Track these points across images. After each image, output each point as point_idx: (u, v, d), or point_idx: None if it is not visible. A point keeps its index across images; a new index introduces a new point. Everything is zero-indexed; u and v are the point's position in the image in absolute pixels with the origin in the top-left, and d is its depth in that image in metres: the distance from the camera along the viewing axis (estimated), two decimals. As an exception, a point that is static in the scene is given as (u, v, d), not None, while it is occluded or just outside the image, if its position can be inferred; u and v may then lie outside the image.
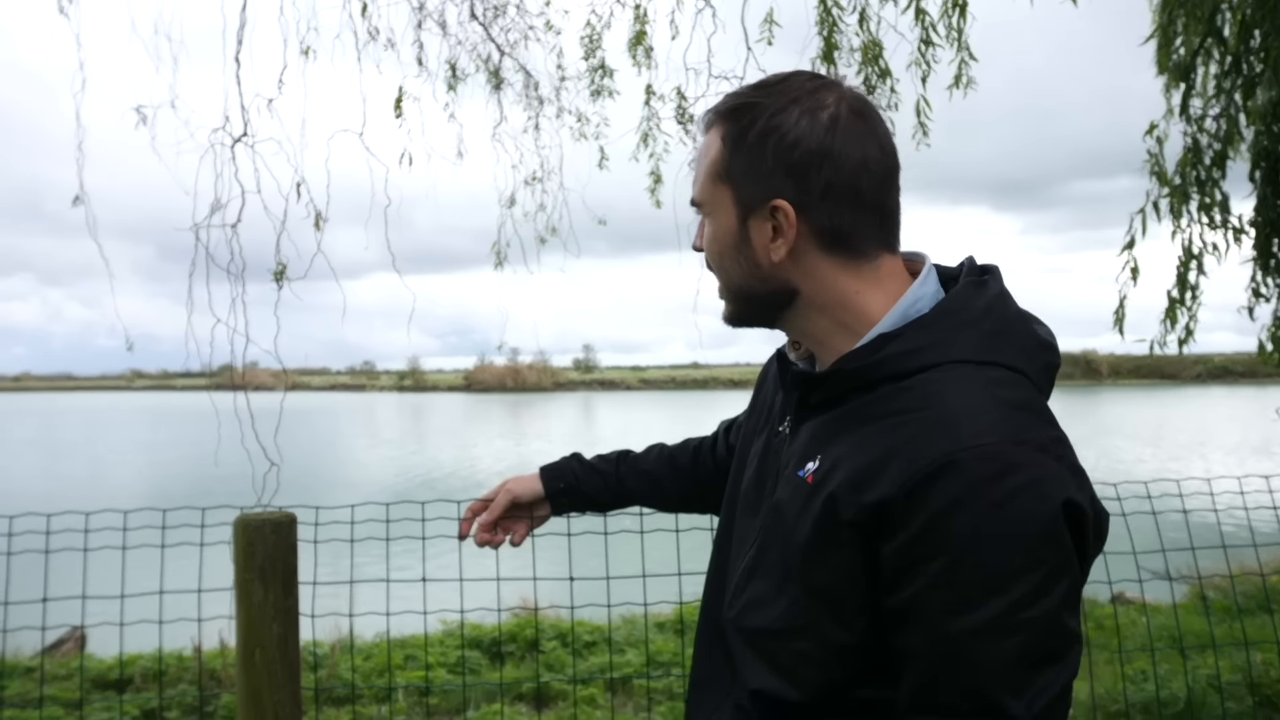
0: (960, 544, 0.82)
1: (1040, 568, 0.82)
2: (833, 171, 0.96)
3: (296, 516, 1.87)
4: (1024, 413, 0.89)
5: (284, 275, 4.38)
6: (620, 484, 1.50)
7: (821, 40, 4.67)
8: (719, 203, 1.02)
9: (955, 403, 0.88)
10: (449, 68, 5.45)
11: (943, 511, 0.83)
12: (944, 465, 0.84)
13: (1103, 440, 29.29)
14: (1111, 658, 4.44)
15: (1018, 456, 0.84)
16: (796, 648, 0.94)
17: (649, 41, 5.41)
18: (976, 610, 0.82)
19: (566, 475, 1.51)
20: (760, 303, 1.04)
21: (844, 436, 0.94)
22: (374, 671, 5.24)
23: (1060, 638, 0.83)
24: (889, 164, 0.99)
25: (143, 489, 20.40)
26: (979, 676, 0.82)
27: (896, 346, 0.94)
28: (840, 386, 0.98)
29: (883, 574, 0.87)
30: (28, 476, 25.15)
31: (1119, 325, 4.29)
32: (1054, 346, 1.00)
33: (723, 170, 1.01)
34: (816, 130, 0.96)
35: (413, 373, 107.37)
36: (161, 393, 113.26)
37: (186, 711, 4.96)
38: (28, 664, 5.67)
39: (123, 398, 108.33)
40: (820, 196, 0.96)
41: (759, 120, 0.98)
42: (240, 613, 1.78)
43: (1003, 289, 1.00)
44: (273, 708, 1.74)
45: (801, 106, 0.97)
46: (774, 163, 0.97)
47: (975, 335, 0.94)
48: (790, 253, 0.98)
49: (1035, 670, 0.82)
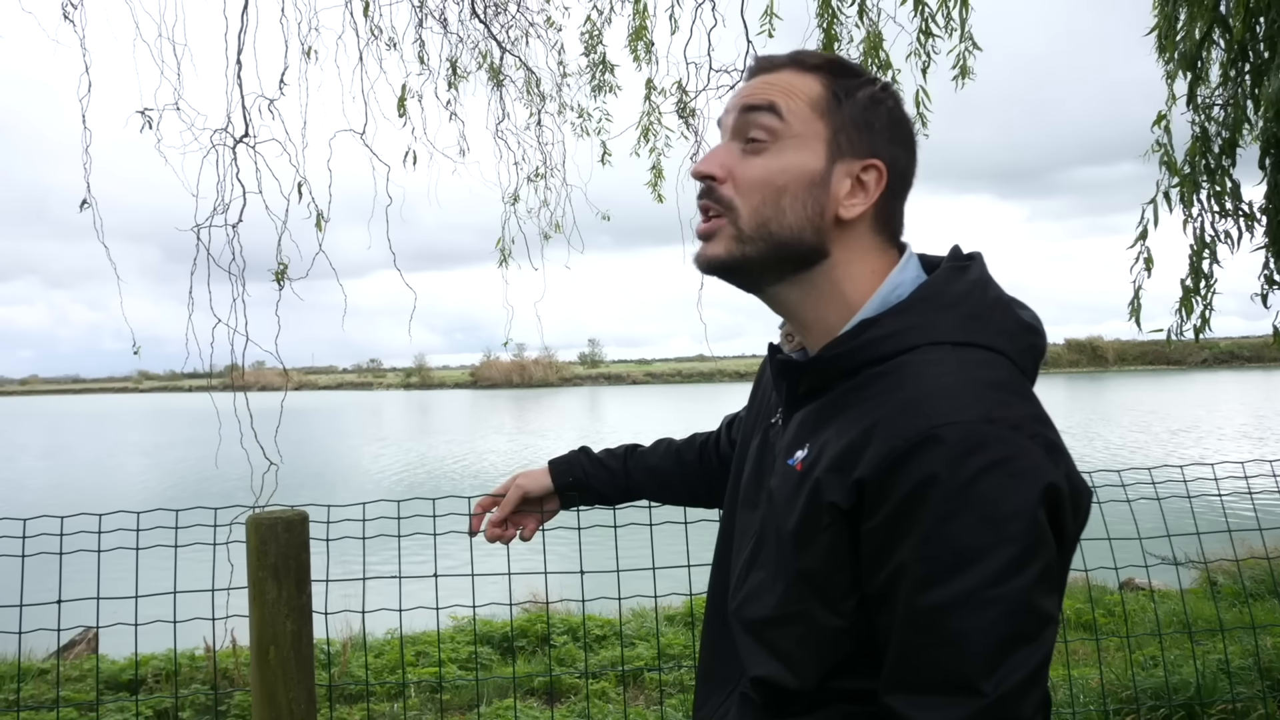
0: (931, 521, 0.83)
1: (1011, 545, 0.82)
2: (910, 160, 1.04)
3: (308, 515, 1.88)
4: (999, 391, 0.89)
5: (285, 275, 4.40)
6: (628, 479, 1.53)
7: (821, 32, 4.67)
8: (807, 136, 1.00)
9: (930, 383, 0.89)
10: (450, 66, 5.46)
11: (915, 489, 0.84)
12: (918, 444, 0.85)
13: (1108, 426, 29.24)
14: (1121, 644, 4.44)
15: (989, 434, 0.84)
16: (792, 634, 0.95)
17: (649, 36, 5.41)
18: (944, 586, 0.82)
19: (575, 470, 1.53)
20: (790, 253, 1.01)
21: (830, 423, 0.96)
22: (386, 669, 5.27)
23: (1032, 618, 0.83)
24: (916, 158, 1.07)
25: (151, 490, 20.47)
26: (948, 653, 0.83)
27: (875, 332, 0.96)
28: (824, 373, 0.99)
29: (864, 555, 0.89)
30: (39, 479, 25.26)
31: (1135, 316, 4.29)
32: (1037, 329, 1.00)
33: (827, 109, 1.00)
34: (904, 117, 1.04)
35: (419, 370, 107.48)
36: (169, 394, 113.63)
37: (200, 711, 4.99)
38: (41, 666, 5.71)
39: (130, 399, 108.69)
40: (902, 176, 1.02)
41: (868, 85, 1.02)
42: (254, 611, 1.79)
43: (982, 275, 1.01)
44: (287, 705, 1.75)
45: (891, 94, 1.03)
46: (882, 126, 1.01)
47: (952, 318, 0.95)
48: (859, 215, 1.00)
49: (1005, 649, 0.82)
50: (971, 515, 0.82)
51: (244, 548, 1.86)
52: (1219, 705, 3.43)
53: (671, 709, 4.07)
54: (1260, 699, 3.47)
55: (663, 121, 5.53)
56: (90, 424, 58.12)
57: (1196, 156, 4.24)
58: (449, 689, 4.86)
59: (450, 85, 5.47)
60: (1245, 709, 3.43)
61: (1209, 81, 4.41)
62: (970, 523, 0.82)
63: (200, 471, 21.48)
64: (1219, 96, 4.34)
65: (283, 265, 4.39)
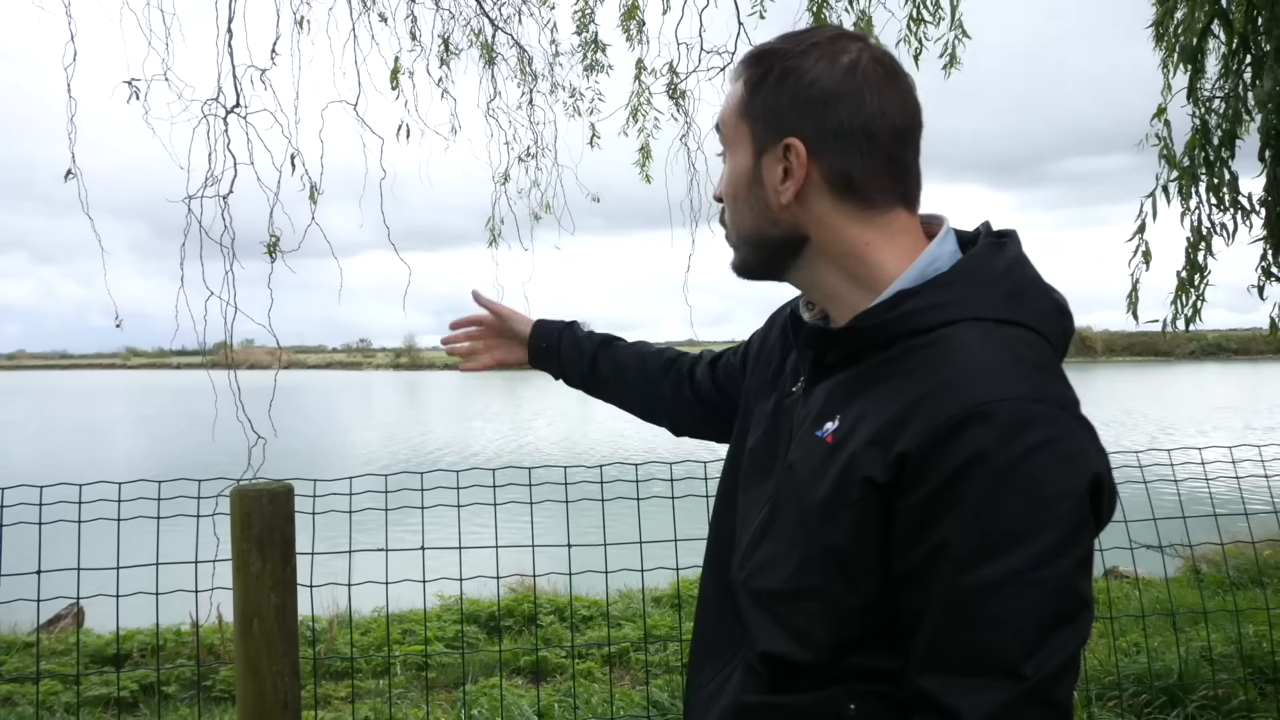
0: (977, 498, 0.81)
1: (1057, 527, 0.81)
2: (847, 114, 0.95)
3: (293, 487, 1.86)
4: (1044, 372, 0.88)
5: (277, 247, 4.35)
6: (594, 366, 1.51)
7: (810, 16, 4.65)
8: (738, 142, 1.02)
9: (976, 359, 0.87)
10: (442, 42, 5.39)
11: (962, 466, 0.82)
12: (964, 420, 0.83)
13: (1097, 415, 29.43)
14: (1105, 630, 4.47)
15: (1038, 414, 0.83)
16: (806, 608, 0.93)
17: (641, 15, 5.37)
18: (990, 566, 0.81)
19: (551, 336, 1.54)
20: (771, 248, 1.02)
21: (863, 395, 0.93)
22: (372, 645, 5.26)
23: (1073, 601, 0.82)
24: (908, 119, 0.98)
25: (137, 464, 20.39)
26: (989, 634, 0.81)
27: (915, 303, 0.93)
28: (857, 344, 0.96)
29: (898, 531, 0.86)
30: (23, 452, 25.12)
31: (1133, 309, 4.30)
32: (1069, 313, 0.99)
33: (744, 109, 1.01)
34: (835, 73, 0.96)
35: (408, 350, 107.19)
36: (157, 371, 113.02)
37: (185, 686, 4.98)
38: (25, 639, 5.69)
39: (118, 376, 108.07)
40: (833, 137, 0.95)
41: (779, 63, 0.98)
42: (238, 583, 1.78)
43: (1020, 253, 0.99)
44: (271, 678, 1.74)
45: (822, 50, 0.97)
46: (789, 101, 0.97)
47: (995, 294, 0.93)
48: (799, 195, 0.98)
49: (1047, 631, 0.80)
50: (1020, 495, 0.81)
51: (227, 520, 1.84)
52: (1200, 691, 3.46)
53: (657, 689, 4.08)
54: (1241, 685, 3.51)
55: (653, 102, 5.49)
56: (78, 399, 57.79)
57: (1196, 149, 4.23)
58: (435, 667, 4.86)
59: (442, 62, 5.41)
60: (1227, 695, 3.47)
61: (1208, 74, 4.41)
62: (1018, 502, 0.81)
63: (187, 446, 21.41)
64: (1219, 89, 4.33)
65: (275, 237, 4.34)
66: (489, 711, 3.87)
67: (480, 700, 4.08)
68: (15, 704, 4.52)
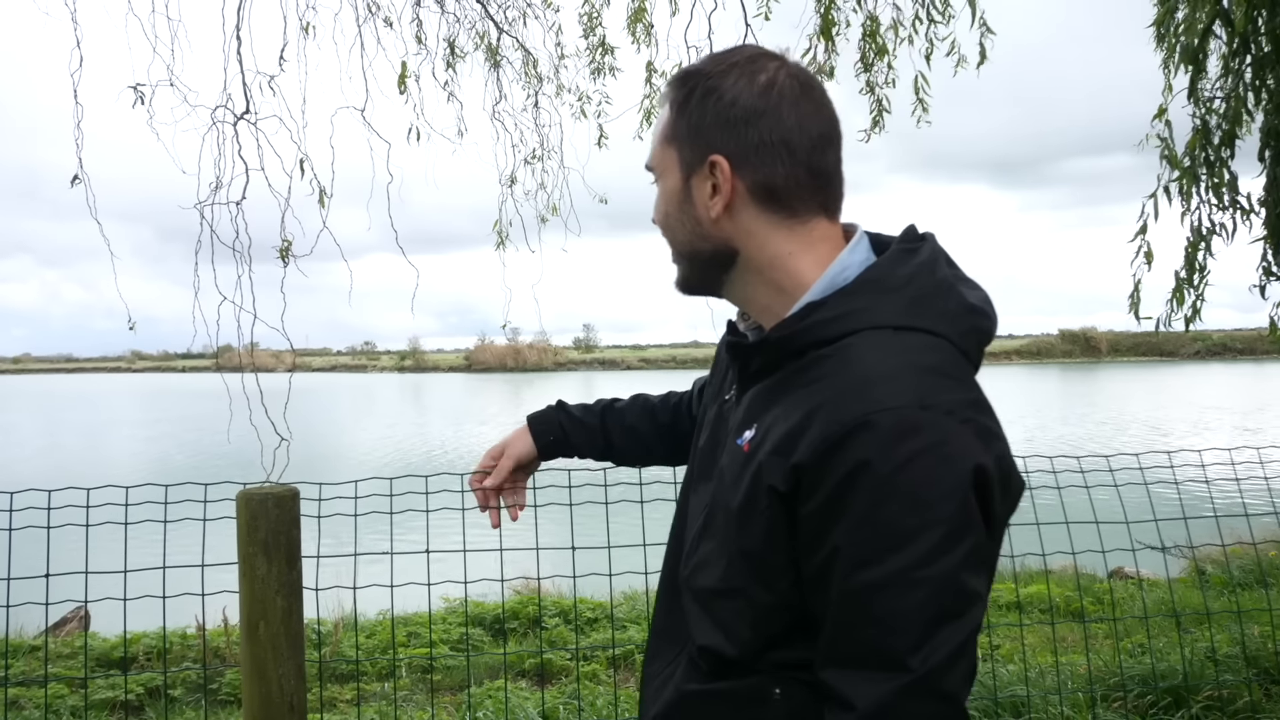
0: (864, 505, 0.87)
1: (939, 528, 0.86)
2: (766, 129, 1.00)
3: (299, 491, 1.88)
4: (937, 376, 0.92)
5: (289, 252, 4.37)
6: (606, 438, 1.54)
7: (818, 17, 4.65)
8: (667, 165, 1.08)
9: (869, 368, 0.92)
10: (448, 46, 5.41)
11: (848, 475, 0.87)
12: (851, 430, 0.88)
13: (1100, 415, 29.38)
14: (1109, 631, 4.47)
15: (922, 420, 0.87)
16: (733, 607, 1.00)
17: (649, 18, 5.37)
18: (877, 566, 0.86)
19: (554, 429, 1.55)
20: (705, 264, 1.08)
21: (776, 404, 0.99)
22: (377, 648, 5.28)
23: (960, 596, 0.87)
24: (825, 130, 1.03)
25: (144, 467, 20.44)
26: (878, 630, 0.87)
27: (821, 314, 0.98)
28: (771, 355, 1.02)
29: (801, 537, 0.92)
30: (29, 456, 25.18)
31: (1134, 309, 4.29)
32: (984, 311, 1.02)
33: (670, 133, 1.07)
34: (752, 91, 1.01)
35: (413, 353, 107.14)
36: (163, 374, 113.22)
37: (191, 689, 5.00)
38: (32, 643, 5.71)
39: (124, 379, 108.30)
40: (754, 152, 1.01)
41: (701, 83, 1.04)
42: (244, 586, 1.79)
43: (930, 257, 1.02)
44: (277, 681, 1.75)
45: (740, 70, 1.02)
46: (712, 120, 1.02)
47: (897, 301, 0.97)
48: (728, 209, 1.03)
49: (933, 626, 0.85)
50: (901, 499, 0.86)
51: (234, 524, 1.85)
52: (1205, 692, 3.46)
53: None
54: (1246, 686, 3.50)
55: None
56: (83, 403, 57.91)
57: (1196, 149, 4.23)
58: (440, 670, 4.87)
59: (449, 66, 5.43)
60: (1231, 695, 3.46)
61: (1208, 74, 4.40)
62: (901, 506, 0.86)
63: (193, 449, 21.44)
64: (1219, 89, 4.33)
65: (286, 242, 4.36)
66: (494, 714, 3.88)
67: (485, 703, 4.09)
68: (22, 707, 4.54)
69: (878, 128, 5.17)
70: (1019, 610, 4.70)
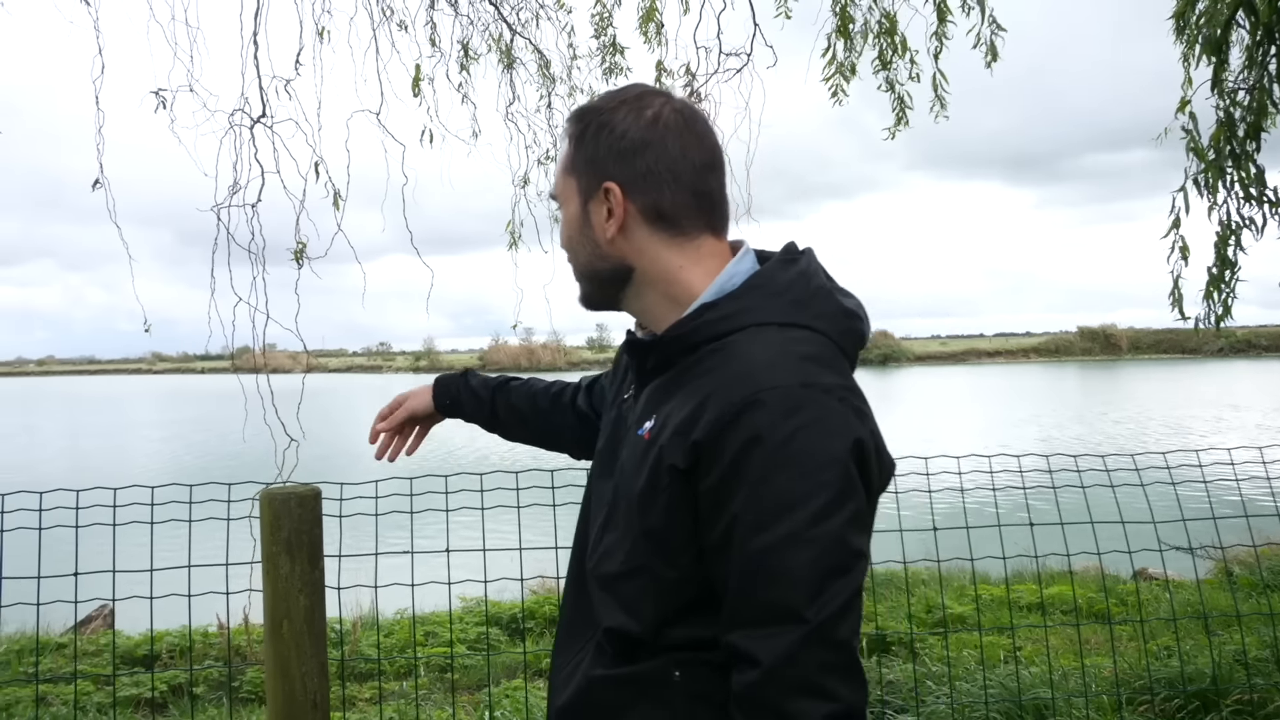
0: (756, 474, 0.97)
1: (825, 492, 0.96)
2: (653, 158, 1.13)
3: (321, 491, 1.88)
4: (814, 364, 1.03)
5: (304, 254, 4.39)
6: (493, 411, 1.67)
7: (835, 16, 4.62)
8: (567, 193, 1.20)
9: (757, 356, 1.03)
10: (462, 48, 5.42)
11: (743, 447, 0.97)
12: (743, 408, 0.98)
13: (1120, 414, 29.08)
14: (1134, 634, 4.43)
15: (805, 398, 0.99)
16: (636, 586, 1.08)
17: (660, 18, 5.36)
18: (771, 529, 0.96)
19: (452, 393, 1.69)
20: (604, 280, 1.20)
21: (673, 396, 1.09)
22: (395, 647, 5.30)
23: (846, 554, 0.96)
24: (708, 158, 1.16)
25: (163, 468, 20.63)
26: (776, 588, 0.95)
27: (713, 314, 1.09)
28: (667, 351, 1.12)
29: (701, 511, 1.01)
30: (51, 456, 25.48)
31: (1178, 305, 4.22)
32: (858, 315, 1.14)
33: (569, 164, 1.19)
34: (640, 125, 1.13)
35: (428, 353, 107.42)
36: (182, 375, 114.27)
37: (212, 687, 5.04)
38: (59, 640, 5.77)
39: (144, 380, 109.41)
40: (643, 177, 1.13)
41: (594, 120, 1.16)
42: (267, 585, 1.80)
43: (808, 267, 1.14)
44: (300, 679, 1.75)
45: (629, 106, 1.15)
46: (605, 152, 1.14)
47: (780, 302, 1.09)
48: (622, 230, 1.15)
49: (824, 580, 0.95)
50: (790, 468, 0.96)
51: (256, 523, 1.86)
52: (1235, 695, 3.41)
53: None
54: (1277, 689, 3.45)
55: (689, 103, 5.47)
56: (106, 404, 58.55)
57: (1221, 142, 4.17)
58: (458, 669, 4.88)
59: (463, 68, 5.44)
60: (1263, 699, 3.41)
61: (1230, 66, 4.34)
62: (790, 474, 0.96)
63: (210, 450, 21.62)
64: (1243, 81, 4.27)
65: (301, 244, 4.38)
66: (512, 713, 3.89)
67: (503, 702, 4.09)
68: (50, 704, 4.59)
69: (901, 124, 5.13)
70: (1042, 612, 4.65)
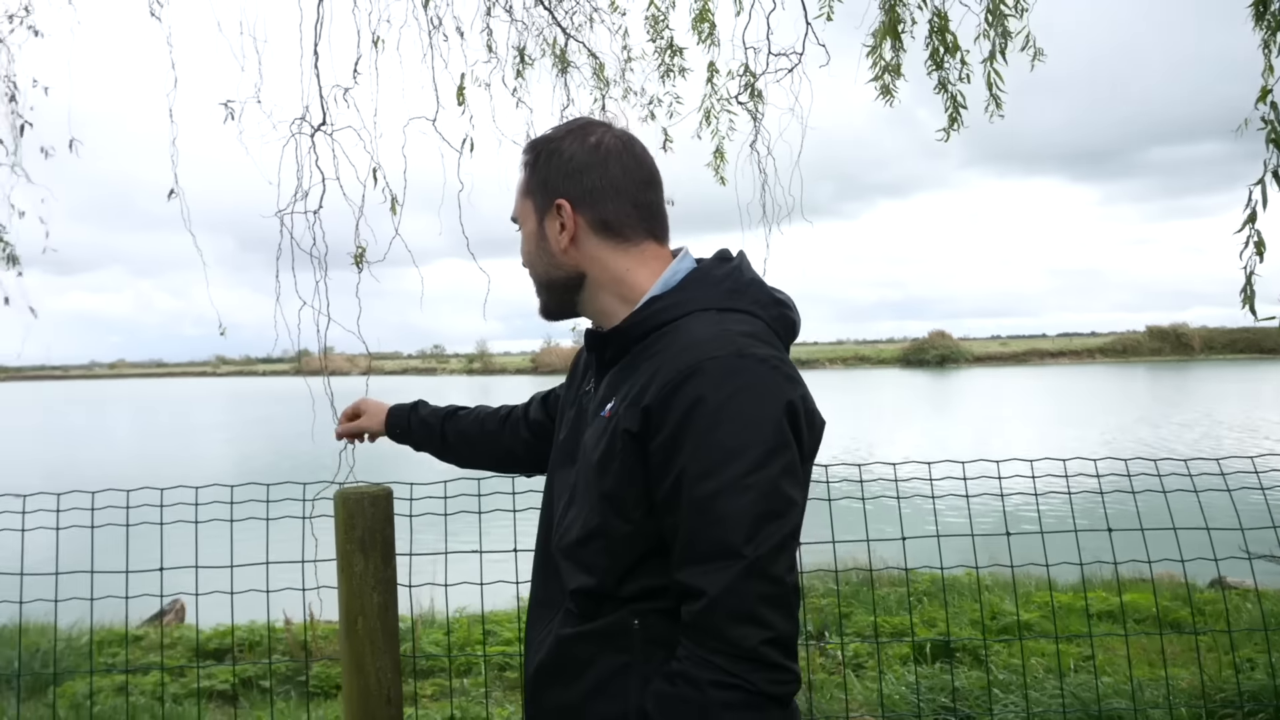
0: (701, 431, 1.12)
1: (761, 445, 1.11)
2: (597, 176, 1.31)
3: (392, 490, 1.92)
4: (749, 339, 1.19)
5: (363, 259, 4.47)
6: (443, 439, 1.82)
7: (883, 14, 4.55)
8: (526, 213, 1.38)
9: (698, 333, 1.20)
10: (518, 53, 5.46)
11: (688, 409, 1.12)
12: (688, 374, 1.14)
13: (1197, 416, 28.08)
14: (1211, 644, 4.27)
15: (740, 365, 1.14)
16: (595, 547, 1.23)
17: (712, 18, 5.35)
18: (714, 477, 1.10)
19: (403, 423, 1.86)
20: (560, 288, 1.37)
21: (629, 377, 1.24)
22: (455, 645, 5.37)
23: (779, 500, 1.11)
24: (645, 176, 1.34)
25: (229, 468, 21.21)
26: (719, 528, 1.10)
27: (659, 305, 1.27)
28: (623, 339, 1.29)
29: (652, 469, 1.16)
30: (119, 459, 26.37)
31: (1249, 303, 4.05)
32: (785, 303, 1.32)
33: (525, 188, 1.38)
34: (584, 149, 1.33)
35: (481, 356, 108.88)
36: (244, 378, 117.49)
37: (279, 680, 5.16)
38: (136, 632, 5.98)
39: (209, 383, 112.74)
40: (589, 194, 1.31)
41: (545, 148, 1.35)
42: (342, 582, 1.83)
43: (740, 264, 1.33)
44: (375, 674, 1.79)
45: (575, 135, 1.35)
46: (555, 174, 1.33)
47: (717, 291, 1.27)
48: (573, 241, 1.32)
49: (760, 522, 1.09)
50: (731, 423, 1.11)
51: (319, 523, 1.90)
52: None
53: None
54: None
55: (729, 103, 5.45)
56: (173, 406, 60.45)
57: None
58: (518, 667, 4.92)
59: (518, 73, 5.49)
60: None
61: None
62: (730, 429, 1.11)
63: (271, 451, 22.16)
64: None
65: (361, 249, 4.46)
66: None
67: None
68: (130, 693, 4.75)
69: (956, 125, 5.03)
70: (1123, 620, 4.51)
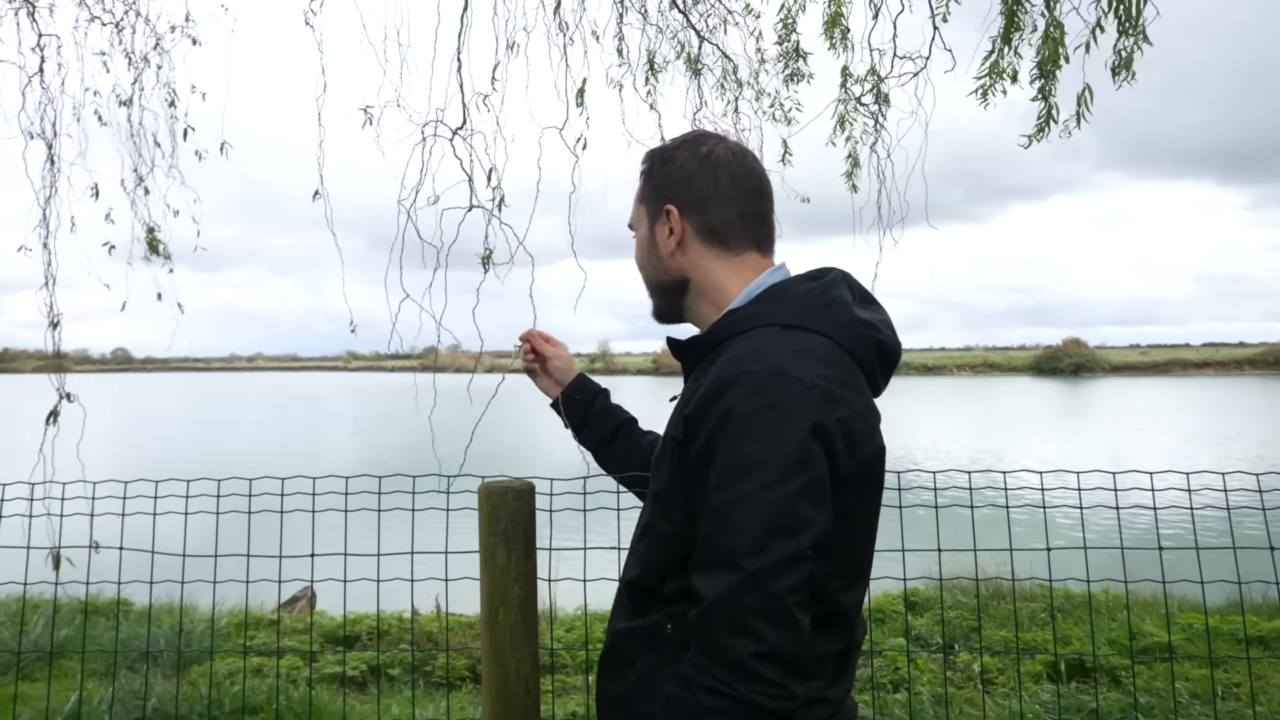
0: (728, 442, 1.15)
1: (779, 461, 1.12)
2: (705, 186, 1.38)
3: (534, 485, 1.96)
4: (798, 357, 1.21)
5: (490, 259, 4.60)
6: (614, 438, 1.84)
7: (1002, 19, 4.40)
8: (639, 219, 1.46)
9: (749, 348, 1.23)
10: (649, 58, 5.51)
11: (720, 419, 1.17)
12: (725, 386, 1.18)
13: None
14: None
15: (774, 383, 1.17)
16: (647, 542, 1.31)
17: (845, 23, 5.26)
18: (730, 487, 1.14)
19: (589, 394, 1.89)
20: (667, 292, 1.44)
21: (698, 383, 1.28)
22: (576, 642, 5.45)
23: (791, 517, 1.11)
24: (754, 186, 1.40)
25: (362, 460, 22.19)
26: (727, 536, 1.13)
27: (733, 316, 1.33)
28: (698, 348, 1.36)
29: (691, 476, 1.21)
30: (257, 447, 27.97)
31: None
32: (875, 325, 1.31)
33: (640, 195, 1.46)
34: (695, 159, 1.40)
35: (603, 355, 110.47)
36: (373, 373, 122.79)
37: (405, 669, 5.35)
38: (270, 617, 6.31)
39: (340, 377, 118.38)
40: (697, 200, 1.38)
41: (660, 157, 1.44)
42: (484, 575, 1.88)
43: (832, 282, 1.33)
44: (514, 665, 1.82)
45: (688, 146, 1.42)
46: (667, 181, 1.41)
47: (789, 309, 1.29)
48: (680, 245, 1.39)
49: (767, 537, 1.10)
50: (752, 437, 1.14)
51: (456, 516, 1.95)
52: None
53: (861, 699, 3.95)
54: None
55: (862, 107, 5.35)
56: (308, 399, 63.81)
57: None
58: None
59: (649, 78, 5.53)
60: None
61: None
62: (751, 443, 1.14)
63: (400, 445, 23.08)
64: None
65: (489, 250, 4.59)
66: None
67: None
68: (265, 675, 5.02)
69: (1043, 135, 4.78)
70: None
